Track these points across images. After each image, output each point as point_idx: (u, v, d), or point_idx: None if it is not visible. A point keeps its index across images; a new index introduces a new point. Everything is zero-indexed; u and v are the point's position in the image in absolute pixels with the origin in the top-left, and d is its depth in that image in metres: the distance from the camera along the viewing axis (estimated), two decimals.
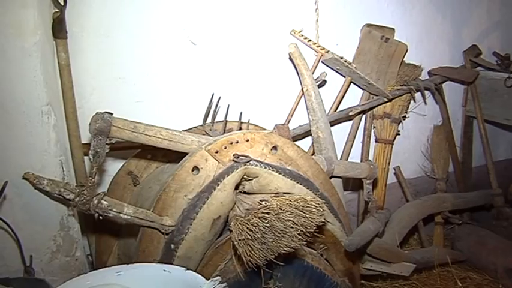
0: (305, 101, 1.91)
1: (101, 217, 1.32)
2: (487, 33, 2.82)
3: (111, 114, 1.37)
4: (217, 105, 1.83)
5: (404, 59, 2.37)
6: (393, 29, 2.33)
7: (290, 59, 1.97)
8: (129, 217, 1.33)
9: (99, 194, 1.31)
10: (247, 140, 1.46)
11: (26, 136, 1.48)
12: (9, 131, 1.46)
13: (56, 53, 1.62)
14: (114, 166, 1.83)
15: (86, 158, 1.69)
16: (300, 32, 2.07)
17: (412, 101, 2.47)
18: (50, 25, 1.58)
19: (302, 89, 1.92)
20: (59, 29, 1.61)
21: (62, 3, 1.61)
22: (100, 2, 1.74)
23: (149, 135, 1.41)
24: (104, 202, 1.30)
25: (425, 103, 2.56)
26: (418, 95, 2.48)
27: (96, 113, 1.35)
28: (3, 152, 1.46)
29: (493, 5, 2.80)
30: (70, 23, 1.65)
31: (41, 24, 1.48)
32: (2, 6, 1.39)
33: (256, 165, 1.42)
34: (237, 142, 1.45)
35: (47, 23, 1.55)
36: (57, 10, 1.61)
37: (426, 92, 2.52)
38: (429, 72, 2.56)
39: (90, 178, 1.32)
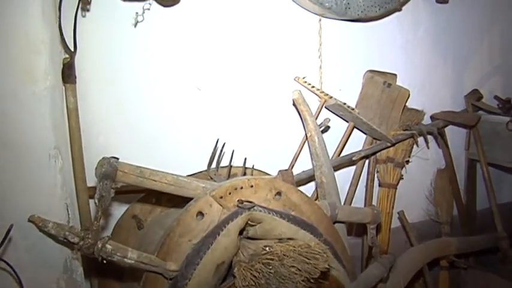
0: (309, 147, 1.92)
1: (104, 261, 1.32)
2: (487, 78, 2.86)
3: (118, 159, 1.39)
4: (222, 150, 1.85)
5: (406, 104, 2.39)
6: (395, 75, 2.37)
7: (294, 104, 2.00)
8: (133, 261, 1.33)
9: (103, 238, 1.31)
10: (252, 186, 1.47)
11: (32, 179, 1.48)
12: (17, 173, 1.47)
13: (64, 98, 1.65)
14: (118, 209, 1.83)
15: (91, 200, 1.69)
16: (303, 78, 2.11)
17: (415, 145, 2.48)
18: (60, 70, 1.62)
19: (306, 135, 1.94)
20: (68, 74, 1.64)
21: (72, 49, 1.65)
22: (109, 49, 1.79)
23: (155, 180, 1.42)
24: (108, 246, 1.31)
25: (428, 147, 2.57)
26: (420, 139, 2.49)
27: (103, 157, 1.37)
28: (10, 195, 1.46)
29: (492, 50, 2.85)
30: (79, 69, 1.68)
31: (51, 69, 1.51)
32: (15, 52, 1.43)
33: (260, 211, 1.42)
34: (242, 188, 1.45)
35: (57, 68, 1.59)
36: (67, 56, 1.65)
37: (429, 136, 2.54)
38: (431, 117, 2.58)
39: (95, 222, 1.33)
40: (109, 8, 1.76)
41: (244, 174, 1.88)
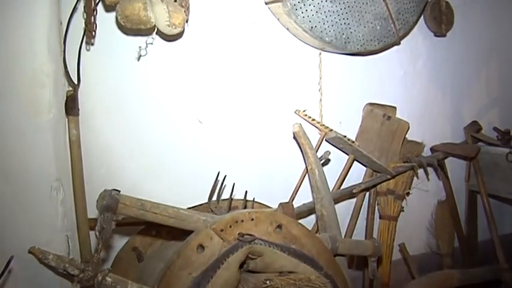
0: (309, 179, 1.93)
1: None
2: (486, 109, 2.89)
3: (119, 191, 1.40)
4: (222, 183, 1.86)
5: (406, 136, 2.41)
6: (395, 107, 2.39)
7: (294, 138, 2.02)
8: None
9: (103, 270, 1.31)
10: (252, 219, 1.48)
11: (34, 211, 1.49)
12: (19, 205, 1.47)
13: (67, 130, 1.67)
14: (119, 241, 1.83)
15: (91, 232, 1.69)
16: (304, 111, 2.14)
17: (415, 177, 2.48)
18: (63, 103, 1.63)
19: (306, 168, 1.96)
20: (71, 106, 1.67)
21: (76, 82, 1.68)
22: (112, 82, 1.82)
23: (156, 213, 1.43)
24: (108, 279, 1.30)
25: (428, 179, 2.58)
26: (421, 171, 2.49)
27: (104, 190, 1.38)
28: (10, 226, 1.47)
29: (491, 82, 2.88)
30: (82, 101, 1.70)
31: (55, 102, 1.53)
32: (21, 85, 1.45)
33: (261, 244, 1.42)
34: (242, 221, 1.46)
35: (60, 100, 1.61)
36: (70, 88, 1.68)
37: (429, 168, 2.55)
38: (431, 149, 2.59)
39: (96, 254, 1.33)
40: (113, 41, 1.79)
41: (245, 207, 1.89)
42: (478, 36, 2.78)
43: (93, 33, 1.68)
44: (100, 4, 1.69)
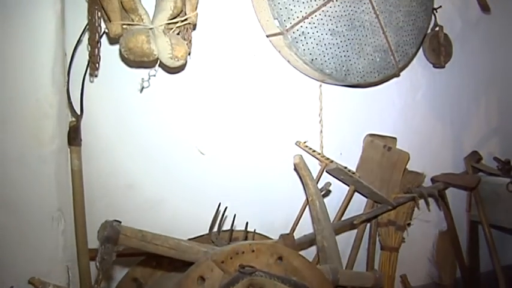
0: (310, 211, 1.94)
1: None
2: (486, 139, 2.90)
3: (120, 222, 1.40)
4: (223, 214, 1.86)
5: (407, 167, 2.42)
6: (395, 138, 2.40)
7: (295, 169, 2.03)
8: None
9: None
10: (253, 251, 1.47)
11: (35, 241, 1.49)
12: (19, 235, 1.48)
13: (69, 160, 1.67)
14: (119, 272, 1.82)
15: (91, 262, 1.68)
16: (304, 142, 2.15)
17: (416, 208, 2.47)
18: (66, 133, 1.65)
19: (307, 199, 1.96)
20: (74, 136, 1.68)
21: (79, 113, 1.70)
22: (114, 113, 1.84)
23: (156, 244, 1.43)
24: None
25: (429, 210, 2.57)
26: (422, 201, 2.48)
27: (105, 221, 1.38)
28: (11, 256, 1.47)
29: (490, 112, 2.90)
30: (85, 131, 1.72)
31: (58, 133, 1.55)
32: (25, 116, 1.47)
33: (262, 276, 1.42)
34: (243, 252, 1.46)
35: (63, 131, 1.63)
36: (73, 119, 1.70)
37: (430, 199, 2.54)
38: (432, 179, 2.60)
39: (96, 285, 1.33)
40: (116, 73, 1.82)
41: (246, 238, 1.88)
42: (476, 67, 2.82)
43: (97, 65, 1.71)
44: (104, 36, 1.72)
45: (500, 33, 2.93)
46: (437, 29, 2.53)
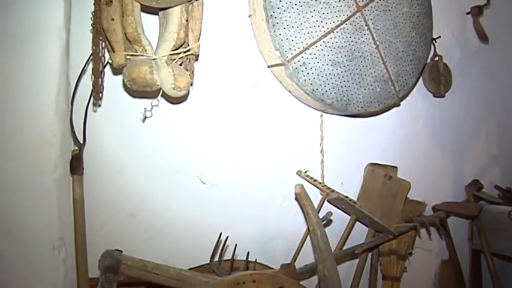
0: (311, 240, 1.93)
1: None
2: (487, 168, 2.91)
3: (121, 251, 1.40)
4: (224, 244, 1.85)
5: (408, 196, 2.41)
6: (396, 167, 2.41)
7: (296, 199, 2.03)
8: None
9: None
10: (254, 281, 1.48)
11: (35, 269, 1.50)
12: (20, 263, 1.48)
13: (71, 188, 1.68)
14: None
15: None
16: (306, 172, 2.15)
17: (417, 237, 2.46)
18: (68, 162, 1.66)
19: (308, 228, 1.95)
20: (76, 165, 1.69)
21: (82, 142, 1.71)
22: (117, 142, 1.84)
23: (157, 274, 1.44)
24: None
25: (431, 239, 2.57)
26: (423, 231, 2.48)
27: (106, 250, 1.39)
28: (12, 284, 1.47)
29: (490, 140, 2.92)
30: (87, 160, 1.72)
31: (60, 161, 1.56)
32: (28, 144, 1.49)
33: None
34: (244, 283, 1.46)
35: (66, 160, 1.64)
36: (76, 148, 1.71)
37: (431, 228, 2.53)
38: (433, 208, 2.59)
39: None
40: (119, 103, 1.83)
41: (247, 268, 1.87)
42: (476, 96, 2.84)
43: (101, 94, 1.73)
44: (108, 67, 1.74)
45: (498, 63, 2.97)
46: (436, 58, 2.56)
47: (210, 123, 1.99)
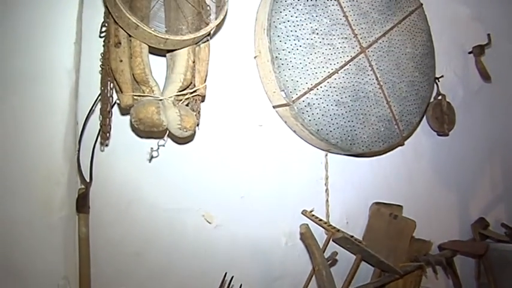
0: (316, 280, 1.91)
1: None
2: (492, 205, 2.90)
3: None
4: (229, 284, 1.84)
5: (413, 235, 2.39)
6: (401, 206, 2.41)
7: (301, 238, 2.03)
8: None
9: None
10: None
11: None
12: None
13: (77, 227, 1.68)
14: None
15: None
16: (311, 211, 2.15)
17: (424, 277, 2.44)
18: (74, 200, 1.66)
19: (313, 268, 1.94)
20: (82, 204, 1.69)
21: (88, 180, 1.72)
22: (123, 181, 1.85)
23: None
24: None
25: (437, 278, 2.54)
26: (429, 270, 2.46)
27: None
28: None
29: (495, 178, 2.92)
30: (93, 198, 1.73)
31: (67, 200, 1.57)
32: (35, 183, 1.50)
33: None
34: None
35: (72, 198, 1.64)
36: (83, 186, 1.71)
37: (437, 267, 2.51)
38: (439, 247, 2.57)
39: None
40: (126, 142, 1.84)
41: None
42: (480, 134, 2.86)
43: (108, 134, 1.74)
44: (115, 107, 1.77)
45: (501, 101, 3.00)
46: (440, 97, 2.59)
47: (215, 163, 2.00)
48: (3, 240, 1.46)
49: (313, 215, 2.14)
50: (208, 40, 1.75)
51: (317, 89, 1.99)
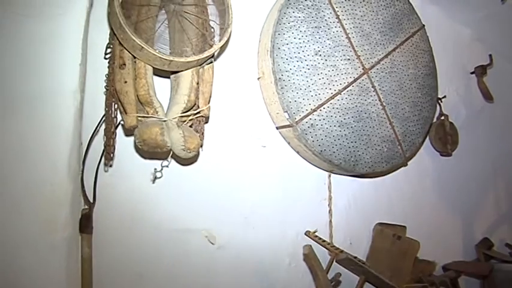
0: None
1: None
2: (496, 226, 2.88)
3: None
4: None
5: (417, 256, 2.38)
6: (405, 227, 2.39)
7: (305, 260, 2.02)
8: None
9: None
10: None
11: None
12: None
13: (80, 247, 1.68)
14: None
15: None
16: (314, 232, 2.14)
17: None
18: (78, 221, 1.66)
19: None
20: (85, 224, 1.70)
21: (92, 201, 1.72)
22: (127, 202, 1.85)
23: None
24: None
25: None
26: None
27: None
28: None
29: (499, 198, 2.92)
30: (96, 219, 1.73)
31: (70, 220, 1.57)
32: (39, 203, 1.50)
33: None
34: None
35: (76, 219, 1.64)
36: (86, 207, 1.72)
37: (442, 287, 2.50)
38: (443, 267, 2.56)
39: None
40: (130, 163, 1.85)
41: None
42: (483, 154, 2.86)
43: (112, 155, 1.74)
44: (120, 128, 1.77)
45: (504, 120, 3.01)
46: (442, 118, 2.60)
47: (219, 183, 2.01)
48: (7, 260, 1.45)
49: (316, 236, 2.14)
50: (212, 62, 1.76)
51: (320, 110, 2.00)
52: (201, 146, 1.76)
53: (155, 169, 1.77)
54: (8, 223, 1.46)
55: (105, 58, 1.71)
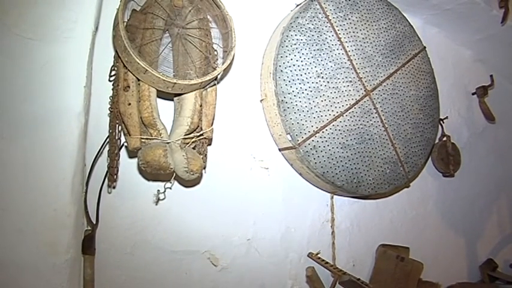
0: None
1: None
2: (500, 246, 2.87)
3: None
4: None
5: (421, 277, 2.36)
6: (408, 248, 2.38)
7: (307, 281, 2.01)
8: None
9: None
10: None
11: None
12: None
13: (82, 268, 1.67)
14: None
15: None
16: (317, 254, 2.14)
17: None
18: (80, 242, 1.66)
19: None
20: (88, 245, 1.69)
21: (94, 222, 1.72)
22: (129, 223, 1.85)
23: None
24: None
25: None
26: None
27: None
28: None
29: (503, 218, 2.91)
30: (98, 240, 1.73)
31: (73, 242, 1.56)
32: (42, 225, 1.50)
33: None
34: None
35: (78, 240, 1.64)
36: (89, 228, 1.72)
37: None
38: None
39: None
40: (133, 185, 1.86)
41: None
42: (486, 174, 2.86)
43: (115, 176, 1.75)
44: (123, 149, 1.78)
45: (506, 141, 3.02)
46: (444, 138, 2.61)
47: (221, 205, 2.01)
48: (9, 282, 1.45)
49: (319, 258, 2.13)
50: (215, 84, 1.78)
51: (322, 132, 2.01)
52: (204, 168, 1.77)
53: (158, 191, 1.77)
54: (10, 245, 1.46)
55: (110, 80, 1.73)
